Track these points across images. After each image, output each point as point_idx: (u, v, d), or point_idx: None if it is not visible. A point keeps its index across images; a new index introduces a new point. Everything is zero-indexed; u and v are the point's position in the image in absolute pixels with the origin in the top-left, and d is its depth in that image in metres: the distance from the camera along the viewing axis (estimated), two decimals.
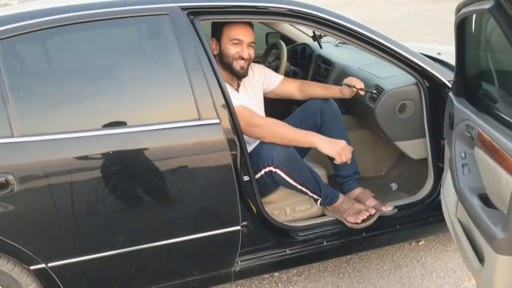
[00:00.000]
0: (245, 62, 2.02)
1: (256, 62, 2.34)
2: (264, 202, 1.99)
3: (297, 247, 2.00)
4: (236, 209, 1.79)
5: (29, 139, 1.57)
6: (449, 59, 2.07)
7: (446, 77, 1.97)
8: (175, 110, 1.74)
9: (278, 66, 2.77)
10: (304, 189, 2.01)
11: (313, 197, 2.06)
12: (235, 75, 2.05)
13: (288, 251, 1.99)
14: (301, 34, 3.25)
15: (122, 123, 1.66)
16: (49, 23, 1.61)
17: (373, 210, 2.07)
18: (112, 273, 1.82)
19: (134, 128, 1.66)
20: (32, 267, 1.66)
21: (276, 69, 2.71)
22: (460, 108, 1.66)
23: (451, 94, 1.81)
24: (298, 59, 3.17)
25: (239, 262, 1.92)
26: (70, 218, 1.63)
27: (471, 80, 1.71)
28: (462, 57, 1.68)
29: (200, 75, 1.70)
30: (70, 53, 1.74)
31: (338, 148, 1.88)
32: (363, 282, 2.21)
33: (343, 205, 2.08)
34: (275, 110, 2.41)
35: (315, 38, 2.90)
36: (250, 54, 2.02)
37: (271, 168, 1.92)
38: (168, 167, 1.70)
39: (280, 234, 1.99)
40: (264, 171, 1.93)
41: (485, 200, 1.44)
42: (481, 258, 1.42)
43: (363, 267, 2.31)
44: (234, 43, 1.99)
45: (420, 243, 2.44)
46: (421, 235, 2.31)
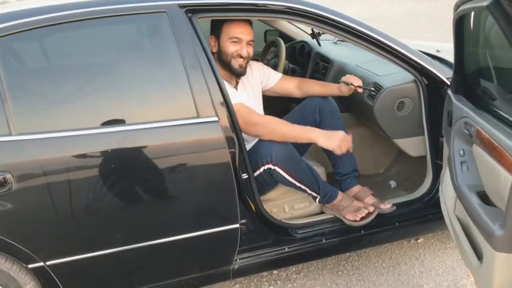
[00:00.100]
0: (243, 61, 2.01)
1: (254, 59, 2.34)
2: (263, 200, 1.99)
3: (296, 244, 2.00)
4: (234, 207, 1.79)
5: (27, 137, 1.57)
6: (449, 56, 2.07)
7: (444, 74, 1.97)
8: (173, 108, 1.74)
9: (276, 64, 2.76)
10: (302, 186, 2.01)
11: (312, 195, 2.06)
12: (233, 73, 2.04)
13: (287, 249, 1.99)
14: (300, 32, 3.24)
15: (120, 121, 1.66)
16: (46, 21, 1.61)
17: (371, 208, 2.07)
18: (111, 271, 1.81)
19: (132, 126, 1.66)
20: (30, 266, 1.66)
21: (275, 67, 2.71)
22: (459, 106, 1.66)
23: (449, 92, 1.81)
24: (297, 56, 3.17)
25: (237, 260, 1.92)
26: (68, 216, 1.63)
27: (469, 77, 1.71)
28: (461, 55, 1.68)
29: (198, 73, 1.69)
30: (67, 51, 1.73)
31: (337, 142, 1.89)
32: (362, 280, 2.21)
33: (342, 203, 2.08)
34: (274, 108, 2.42)
35: (313, 35, 2.90)
36: (249, 53, 2.01)
37: (270, 166, 1.92)
38: (166, 165, 1.70)
39: (279, 232, 1.99)
40: (262, 169, 1.93)
41: (484, 197, 1.45)
42: (479, 256, 1.42)
43: (362, 265, 2.31)
44: (233, 41, 1.98)
45: (419, 241, 2.44)
46: (420, 232, 2.31)
